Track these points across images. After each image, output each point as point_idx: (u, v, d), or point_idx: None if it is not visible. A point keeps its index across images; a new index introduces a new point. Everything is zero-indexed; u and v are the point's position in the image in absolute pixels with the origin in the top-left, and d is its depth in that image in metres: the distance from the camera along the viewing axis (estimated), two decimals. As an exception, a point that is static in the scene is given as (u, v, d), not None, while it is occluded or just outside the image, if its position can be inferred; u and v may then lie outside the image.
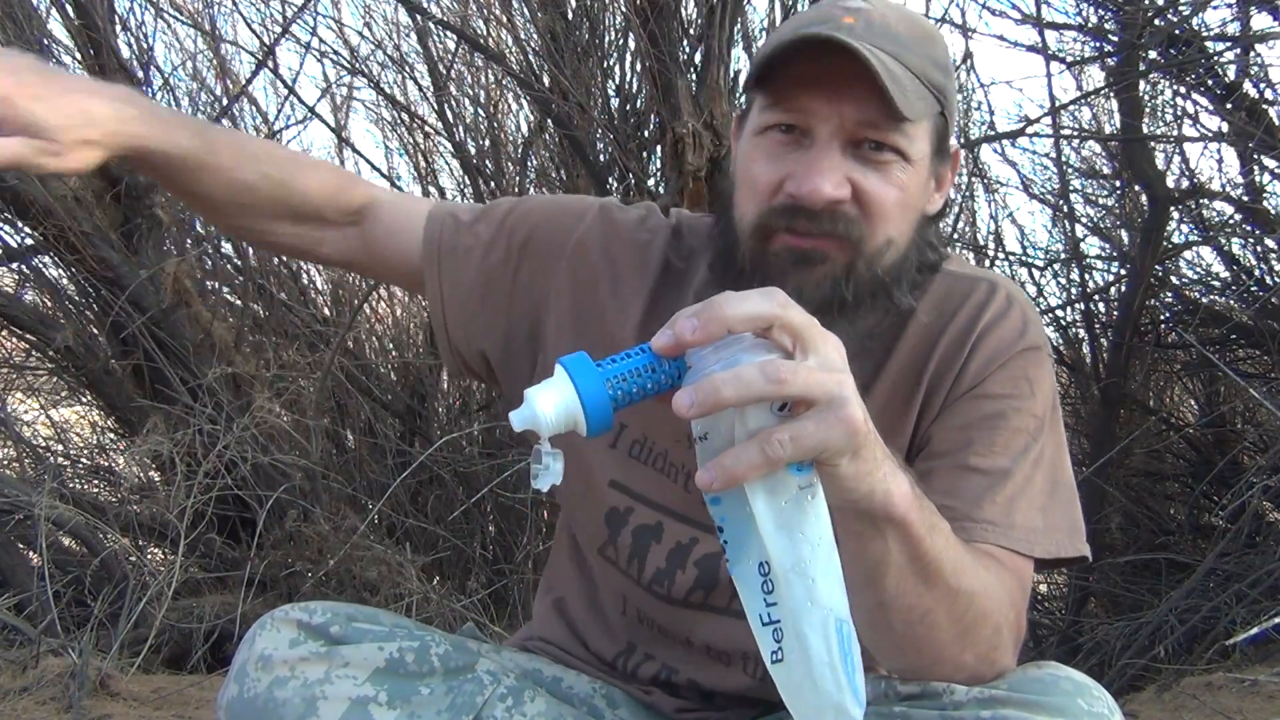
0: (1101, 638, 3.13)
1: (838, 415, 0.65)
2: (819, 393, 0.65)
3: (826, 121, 0.92)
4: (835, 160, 0.92)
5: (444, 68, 4.03)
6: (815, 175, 0.92)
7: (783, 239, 0.95)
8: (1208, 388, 4.25)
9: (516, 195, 3.99)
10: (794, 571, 0.66)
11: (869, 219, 0.94)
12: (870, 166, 0.94)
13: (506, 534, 3.74)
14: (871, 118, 0.91)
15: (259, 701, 0.88)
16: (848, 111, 0.91)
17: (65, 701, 2.18)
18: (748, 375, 0.63)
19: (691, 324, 0.65)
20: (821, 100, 0.92)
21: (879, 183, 0.94)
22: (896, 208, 0.95)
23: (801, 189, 0.92)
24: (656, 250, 1.12)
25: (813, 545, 0.67)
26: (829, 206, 0.93)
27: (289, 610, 0.94)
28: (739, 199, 0.99)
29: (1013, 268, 4.55)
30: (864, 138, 0.93)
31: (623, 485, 1.09)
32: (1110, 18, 3.53)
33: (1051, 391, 1.04)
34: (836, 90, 0.91)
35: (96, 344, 3.53)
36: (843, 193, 0.92)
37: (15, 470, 3.59)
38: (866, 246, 0.95)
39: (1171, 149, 3.90)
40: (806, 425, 0.65)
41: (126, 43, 3.72)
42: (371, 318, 4.42)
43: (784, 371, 0.64)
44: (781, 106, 0.94)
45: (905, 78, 0.91)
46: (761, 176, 0.96)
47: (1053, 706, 0.83)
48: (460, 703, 0.94)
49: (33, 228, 3.29)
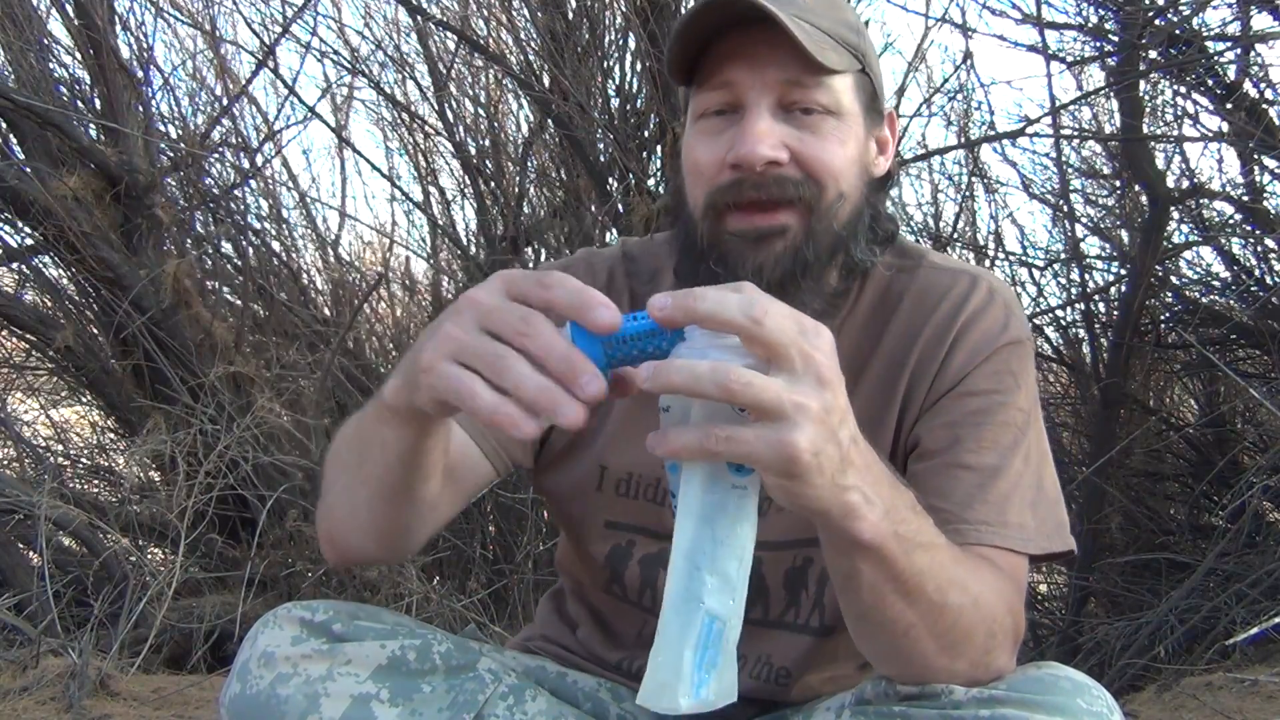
0: (1101, 638, 3.14)
1: (778, 437, 0.65)
2: (768, 410, 0.65)
3: (751, 88, 0.95)
4: (766, 122, 0.95)
5: (444, 68, 4.03)
6: (749, 139, 0.94)
7: (735, 220, 0.97)
8: (1208, 388, 4.25)
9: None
10: (685, 557, 0.67)
11: (815, 178, 0.96)
12: (804, 129, 0.96)
13: (506, 534, 3.73)
14: (793, 75, 0.94)
15: (261, 698, 0.88)
16: (770, 74, 0.94)
17: (65, 701, 2.18)
18: (699, 370, 0.64)
19: (662, 303, 0.66)
20: (743, 70, 0.95)
21: (816, 142, 0.96)
22: (839, 162, 0.97)
23: (739, 153, 0.94)
24: (619, 284, 1.12)
25: (716, 542, 0.67)
26: (770, 169, 0.95)
27: (291, 608, 0.94)
28: (688, 188, 1.01)
29: (1013, 268, 4.56)
30: (792, 101, 0.96)
31: (618, 523, 1.10)
32: (1110, 18, 3.53)
33: (1034, 385, 1.05)
34: (756, 58, 0.94)
35: (96, 344, 3.54)
36: (780, 154, 0.95)
37: (15, 470, 3.59)
38: (820, 204, 0.97)
39: (1171, 149, 3.90)
40: (745, 433, 0.65)
41: (126, 43, 3.73)
42: (371, 318, 4.42)
43: (733, 381, 0.64)
44: (708, 86, 0.97)
45: (817, 34, 0.94)
46: (703, 159, 0.98)
47: (1052, 706, 0.83)
48: (462, 700, 0.94)
49: (33, 228, 3.30)
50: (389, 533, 0.97)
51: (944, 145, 4.34)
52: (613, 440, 1.08)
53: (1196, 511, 4.06)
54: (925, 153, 4.13)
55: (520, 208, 4.05)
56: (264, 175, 4.13)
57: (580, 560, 1.16)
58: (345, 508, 0.96)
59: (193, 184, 3.82)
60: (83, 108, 3.72)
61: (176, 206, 3.66)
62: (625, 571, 1.11)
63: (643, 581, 1.10)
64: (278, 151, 4.19)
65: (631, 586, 1.11)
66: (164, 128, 3.89)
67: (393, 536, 0.98)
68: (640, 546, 1.10)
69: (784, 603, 1.09)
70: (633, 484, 1.08)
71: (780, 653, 1.09)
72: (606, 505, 1.10)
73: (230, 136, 4.02)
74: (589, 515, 1.11)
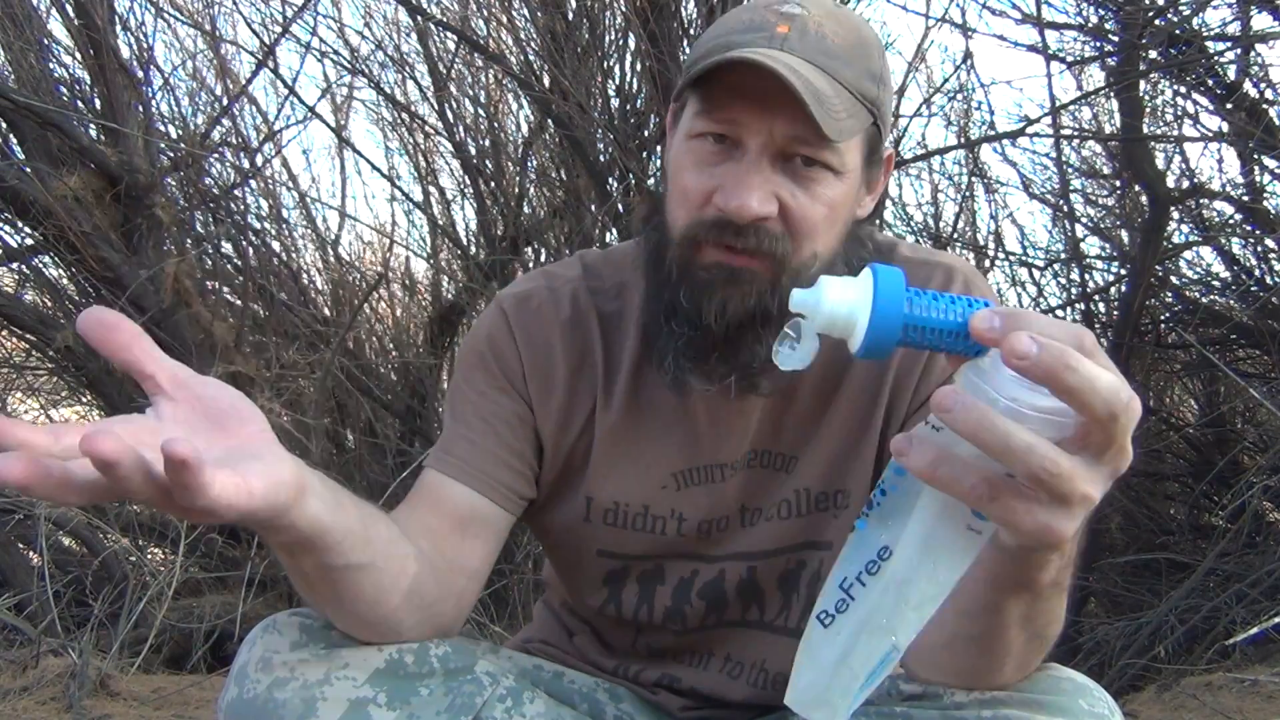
0: (1101, 638, 3.13)
1: (1049, 522, 0.60)
2: (1056, 497, 0.59)
3: (757, 135, 0.91)
4: (764, 176, 0.91)
5: (444, 68, 4.03)
6: (743, 191, 0.90)
7: (711, 253, 0.94)
8: (1208, 388, 4.24)
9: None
10: (899, 584, 0.64)
11: (794, 236, 0.93)
12: (799, 183, 0.92)
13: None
14: (801, 134, 0.90)
15: (259, 703, 0.88)
16: (778, 126, 0.90)
17: (65, 701, 2.18)
18: (1014, 442, 0.57)
19: (989, 324, 0.58)
20: (753, 114, 0.91)
21: (806, 200, 0.93)
22: (823, 224, 0.94)
23: (729, 204, 0.91)
24: (584, 305, 1.08)
25: (930, 579, 0.64)
26: (755, 222, 0.92)
27: (293, 613, 0.94)
28: (670, 204, 0.98)
29: (1013, 268, 4.55)
30: (795, 153, 0.92)
31: (611, 551, 1.10)
32: (1110, 17, 3.52)
33: None
34: (768, 104, 0.89)
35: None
36: (769, 209, 0.91)
37: (15, 470, 3.59)
38: (791, 262, 0.93)
39: (1171, 149, 3.89)
40: (1013, 501, 0.59)
41: (126, 43, 3.73)
42: (371, 318, 4.42)
43: (1041, 470, 0.57)
44: (713, 116, 0.93)
45: (836, 98, 0.89)
46: (692, 185, 0.94)
47: (1054, 706, 0.84)
48: (459, 703, 0.94)
49: (33, 228, 3.30)
50: (422, 621, 0.95)
51: (944, 145, 4.33)
52: (597, 471, 1.07)
53: (1196, 511, 4.06)
54: (925, 153, 4.12)
55: (520, 208, 4.05)
56: (264, 175, 4.13)
57: (572, 584, 1.16)
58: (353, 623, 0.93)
59: (193, 184, 3.82)
60: (83, 108, 3.72)
61: (176, 206, 3.65)
62: (623, 592, 1.11)
63: (639, 599, 1.10)
64: (278, 151, 4.19)
65: (628, 605, 1.11)
66: (164, 128, 3.89)
67: (430, 616, 0.96)
68: (635, 566, 1.10)
69: (777, 605, 1.09)
70: (619, 514, 1.07)
71: (774, 658, 1.09)
72: (596, 535, 1.09)
73: (230, 136, 4.02)
74: (582, 545, 1.10)
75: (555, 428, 1.06)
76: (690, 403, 1.05)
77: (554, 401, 1.06)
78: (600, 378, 1.07)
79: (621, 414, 1.06)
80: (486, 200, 4.09)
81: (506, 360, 1.07)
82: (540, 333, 1.07)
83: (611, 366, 1.07)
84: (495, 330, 1.08)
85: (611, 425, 1.06)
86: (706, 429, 1.05)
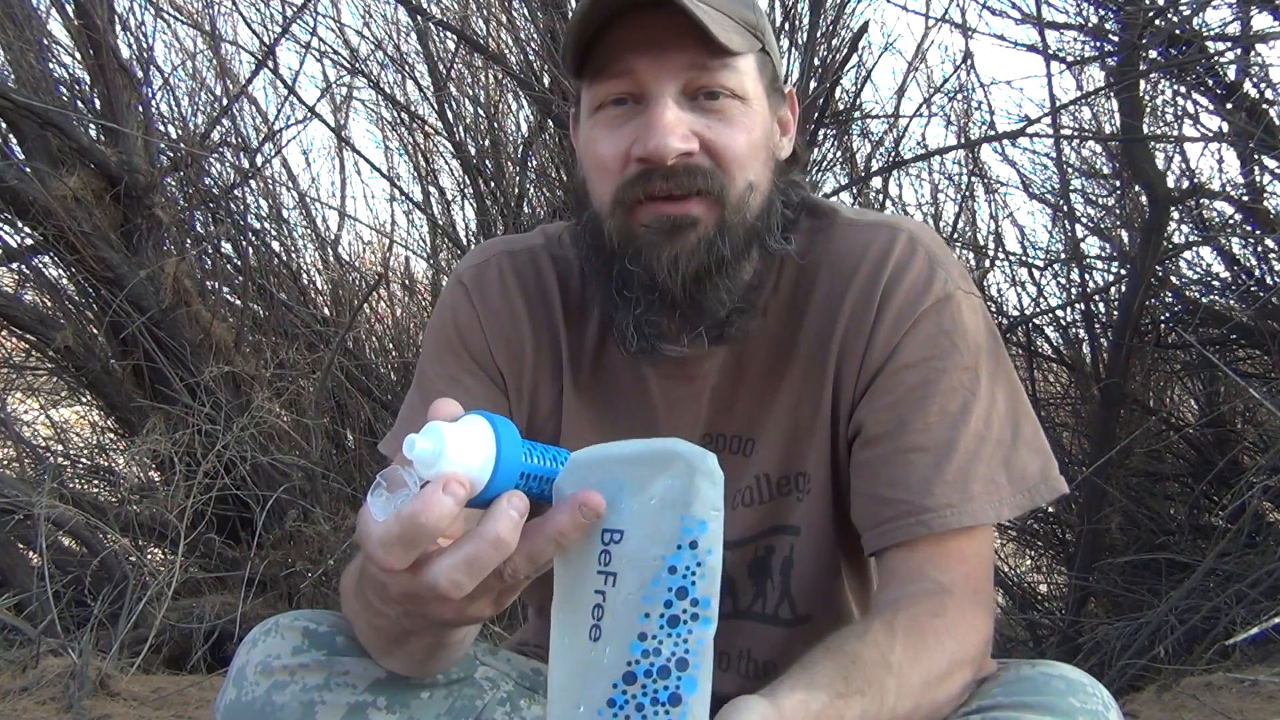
0: (1101, 638, 3.13)
1: None
2: None
3: (655, 77, 0.91)
4: (674, 112, 0.91)
5: (444, 68, 4.03)
6: (658, 131, 0.90)
7: (646, 211, 0.93)
8: (1208, 388, 4.24)
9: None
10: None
11: (725, 167, 0.93)
12: (711, 116, 0.92)
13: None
14: (697, 59, 0.90)
15: (257, 705, 0.87)
16: (672, 59, 0.90)
17: (65, 701, 2.18)
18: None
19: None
20: (645, 58, 0.90)
21: (724, 129, 0.92)
22: (748, 149, 0.93)
23: (648, 147, 0.90)
24: (545, 271, 1.09)
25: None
26: (681, 160, 0.91)
27: (296, 617, 0.93)
28: (592, 186, 0.97)
29: (1013, 268, 4.55)
30: (698, 88, 0.92)
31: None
32: (1110, 17, 3.52)
33: (981, 333, 0.98)
34: (657, 45, 0.90)
35: (96, 344, 3.53)
36: (690, 144, 0.91)
37: (15, 470, 3.59)
38: (730, 195, 0.93)
39: (1171, 149, 3.89)
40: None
41: (126, 43, 3.73)
42: (371, 318, 4.42)
43: None
44: (606, 75, 0.92)
45: (717, 15, 0.90)
46: (606, 153, 0.94)
47: (1043, 706, 0.83)
48: (460, 707, 0.94)
49: (33, 228, 3.30)
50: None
51: (944, 145, 4.33)
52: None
53: (1196, 511, 4.06)
54: (925, 153, 4.12)
55: (520, 208, 4.05)
56: (264, 175, 4.13)
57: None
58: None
59: (193, 184, 3.82)
60: (83, 108, 3.72)
61: (176, 206, 3.66)
62: None
63: None
64: (277, 151, 4.20)
65: None
66: (164, 128, 3.89)
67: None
68: None
69: (751, 593, 1.08)
70: None
71: (759, 647, 1.08)
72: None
73: (230, 136, 4.02)
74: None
75: (527, 409, 1.06)
76: (647, 384, 1.04)
77: (524, 381, 1.06)
78: (566, 361, 1.06)
79: (586, 399, 1.05)
80: (486, 200, 4.09)
81: (470, 337, 1.07)
82: (501, 299, 1.07)
83: (576, 348, 1.06)
84: (457, 305, 1.08)
85: (576, 411, 1.05)
86: (663, 412, 1.04)
